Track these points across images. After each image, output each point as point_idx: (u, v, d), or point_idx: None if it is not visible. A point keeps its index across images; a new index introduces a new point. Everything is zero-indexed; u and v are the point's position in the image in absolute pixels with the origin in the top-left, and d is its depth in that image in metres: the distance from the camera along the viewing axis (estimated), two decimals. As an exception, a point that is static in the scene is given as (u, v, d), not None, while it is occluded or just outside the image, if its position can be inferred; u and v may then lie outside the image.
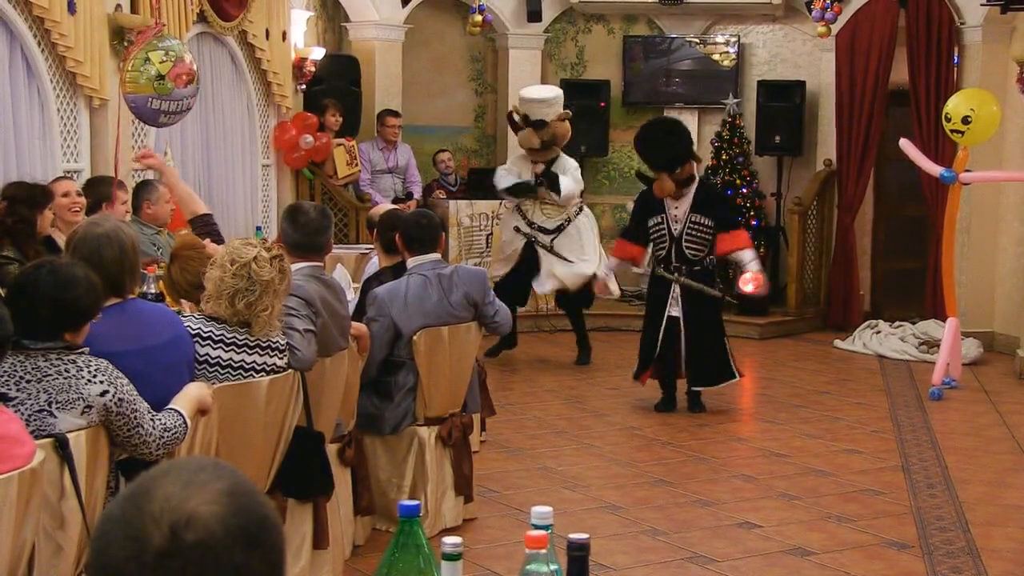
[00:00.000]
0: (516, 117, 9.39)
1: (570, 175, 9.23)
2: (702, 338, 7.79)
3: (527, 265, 9.31)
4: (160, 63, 6.25)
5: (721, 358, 7.87)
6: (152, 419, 3.60)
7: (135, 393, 3.57)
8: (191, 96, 6.53)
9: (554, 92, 9.63)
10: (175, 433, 3.66)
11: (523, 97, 9.48)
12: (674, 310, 7.81)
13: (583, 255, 9.21)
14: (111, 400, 3.48)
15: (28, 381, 3.41)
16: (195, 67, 6.58)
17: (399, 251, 5.91)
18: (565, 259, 9.16)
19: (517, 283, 9.28)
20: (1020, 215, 9.92)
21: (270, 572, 1.31)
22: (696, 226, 7.80)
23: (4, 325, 3.22)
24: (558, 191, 9.11)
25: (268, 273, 4.20)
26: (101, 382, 3.48)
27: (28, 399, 3.39)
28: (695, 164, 7.93)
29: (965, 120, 8.04)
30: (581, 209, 9.47)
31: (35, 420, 3.38)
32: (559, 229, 9.23)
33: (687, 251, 7.80)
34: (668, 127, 8.33)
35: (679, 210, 7.83)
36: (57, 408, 3.42)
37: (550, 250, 9.19)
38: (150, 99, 6.26)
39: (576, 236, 9.25)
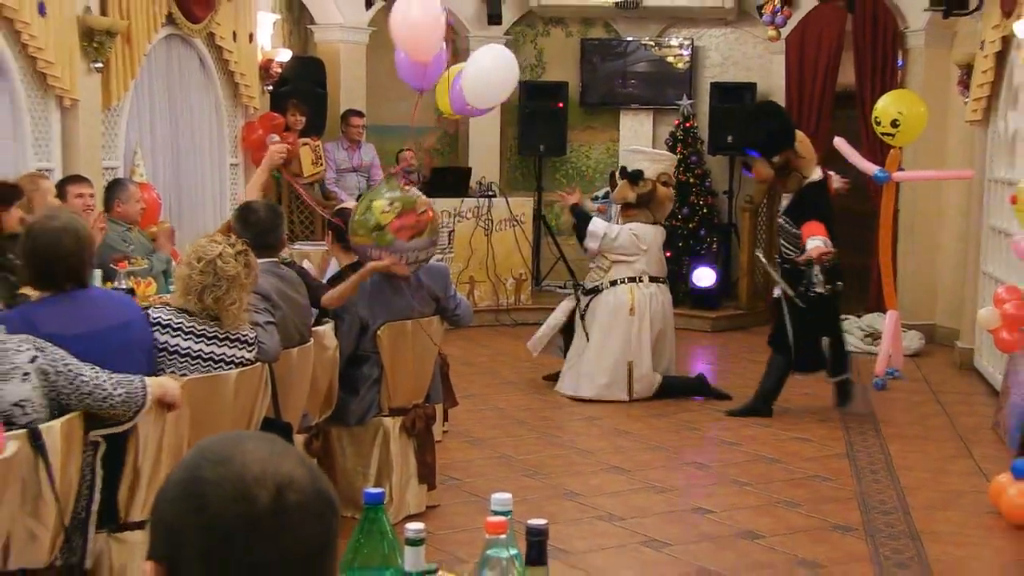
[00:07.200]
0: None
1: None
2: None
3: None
4: (382, 213, 5.40)
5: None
6: (90, 366, 3.60)
7: (62, 351, 3.58)
8: (421, 249, 5.52)
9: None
10: (127, 378, 3.66)
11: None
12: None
13: None
14: (44, 362, 3.50)
15: None
16: (430, 217, 5.53)
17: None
18: None
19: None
20: (961, 213, 10.03)
21: (337, 531, 1.37)
22: (782, 229, 7.74)
23: None
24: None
25: (233, 268, 4.22)
26: (28, 349, 3.50)
27: None
28: (797, 158, 7.54)
29: (894, 123, 8.13)
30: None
31: None
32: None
33: (781, 247, 7.77)
34: (761, 107, 8.11)
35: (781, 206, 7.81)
36: (0, 381, 3.41)
37: None
38: (369, 249, 5.44)
39: None
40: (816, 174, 7.64)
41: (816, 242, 7.27)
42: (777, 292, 7.83)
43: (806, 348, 7.71)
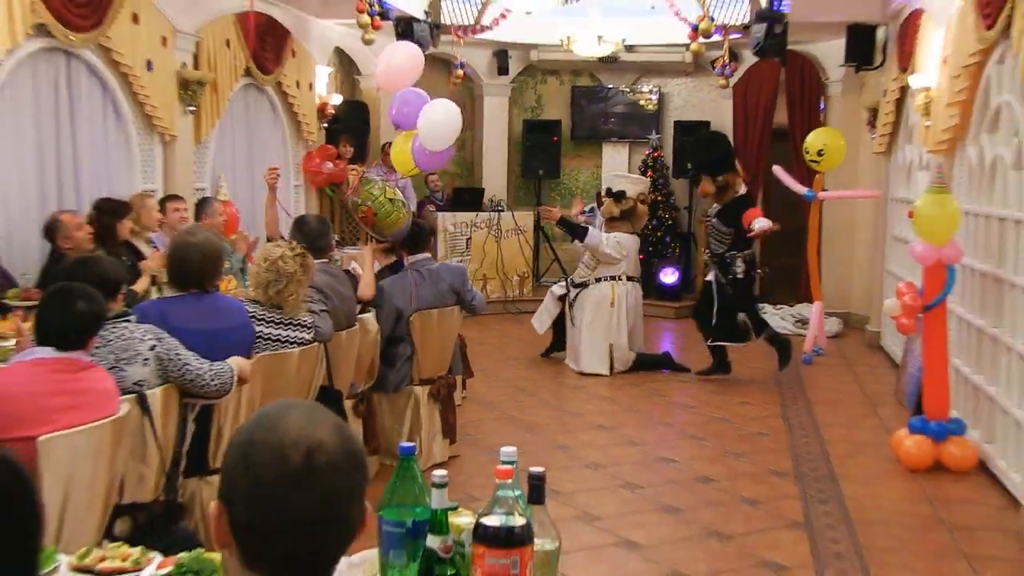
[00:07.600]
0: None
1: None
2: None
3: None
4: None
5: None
6: (196, 357, 3.59)
7: (176, 342, 3.56)
8: (381, 236, 5.70)
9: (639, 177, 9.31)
10: (223, 370, 3.65)
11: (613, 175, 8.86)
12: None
13: None
14: (160, 350, 3.49)
15: (97, 347, 3.35)
16: (369, 222, 5.63)
17: (394, 251, 5.93)
18: None
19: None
20: (870, 225, 10.00)
21: (364, 487, 1.36)
22: (713, 228, 7.91)
23: (100, 303, 3.19)
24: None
25: (291, 267, 4.23)
26: (150, 339, 3.49)
27: (101, 361, 3.33)
28: (734, 178, 7.70)
29: (820, 153, 8.12)
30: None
31: (112, 374, 3.36)
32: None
33: (711, 243, 7.92)
34: (710, 138, 8.25)
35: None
36: (124, 363, 3.40)
37: None
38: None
39: None
40: (742, 189, 7.80)
41: (761, 222, 7.48)
42: (710, 276, 7.94)
43: (725, 323, 7.84)
